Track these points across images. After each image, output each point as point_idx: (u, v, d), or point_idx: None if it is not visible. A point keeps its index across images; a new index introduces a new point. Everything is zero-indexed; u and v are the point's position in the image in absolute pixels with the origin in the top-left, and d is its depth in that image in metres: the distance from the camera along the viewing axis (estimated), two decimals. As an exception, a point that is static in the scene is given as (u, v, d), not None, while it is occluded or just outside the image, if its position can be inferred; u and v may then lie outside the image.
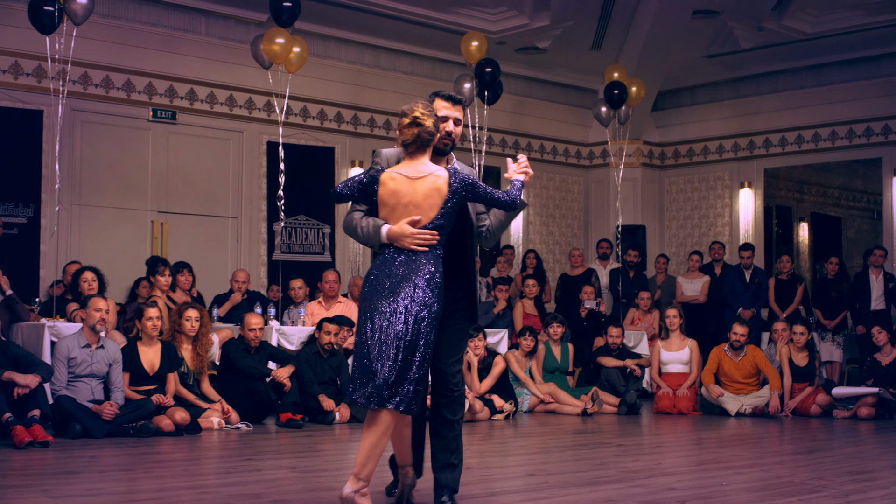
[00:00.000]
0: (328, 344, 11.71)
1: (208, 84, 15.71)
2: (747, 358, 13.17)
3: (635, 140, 19.75)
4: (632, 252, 17.57)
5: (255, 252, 16.24)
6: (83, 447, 8.75)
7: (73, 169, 14.43)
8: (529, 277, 15.57)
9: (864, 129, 17.89)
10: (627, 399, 13.11)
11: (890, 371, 13.03)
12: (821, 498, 6.50)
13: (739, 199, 19.39)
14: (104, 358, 9.80)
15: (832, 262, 15.87)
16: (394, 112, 17.43)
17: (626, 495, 6.53)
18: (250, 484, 6.86)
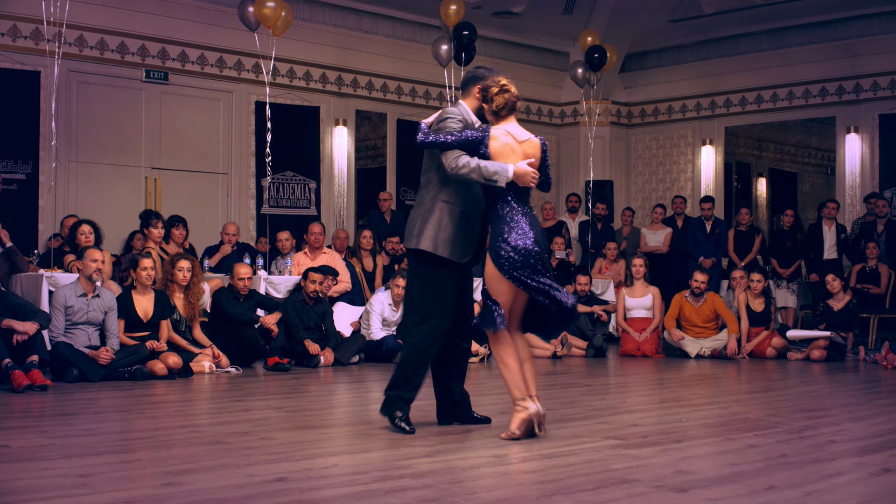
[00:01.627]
0: (313, 292, 11.71)
1: (199, 46, 15.61)
2: (707, 304, 13.22)
3: (604, 100, 19.71)
4: (600, 205, 17.61)
5: (245, 206, 16.19)
6: (80, 390, 8.73)
7: (70, 127, 14.37)
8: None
9: (819, 90, 17.89)
10: (595, 342, 13.16)
11: (841, 316, 13.10)
12: (775, 433, 6.53)
13: (701, 155, 19.40)
14: (100, 306, 9.78)
15: (788, 214, 15.92)
16: (376, 73, 17.40)
17: (593, 431, 6.55)
18: (239, 423, 6.87)
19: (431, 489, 4.68)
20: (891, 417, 7.45)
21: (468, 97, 6.82)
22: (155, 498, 4.45)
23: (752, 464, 5.41)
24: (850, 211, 17.21)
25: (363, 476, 4.98)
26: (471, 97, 6.78)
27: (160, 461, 5.37)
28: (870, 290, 14.59)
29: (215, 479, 4.87)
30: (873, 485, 4.91)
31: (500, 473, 5.16)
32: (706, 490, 4.72)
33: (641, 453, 5.71)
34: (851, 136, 17.43)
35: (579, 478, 5.01)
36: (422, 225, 6.54)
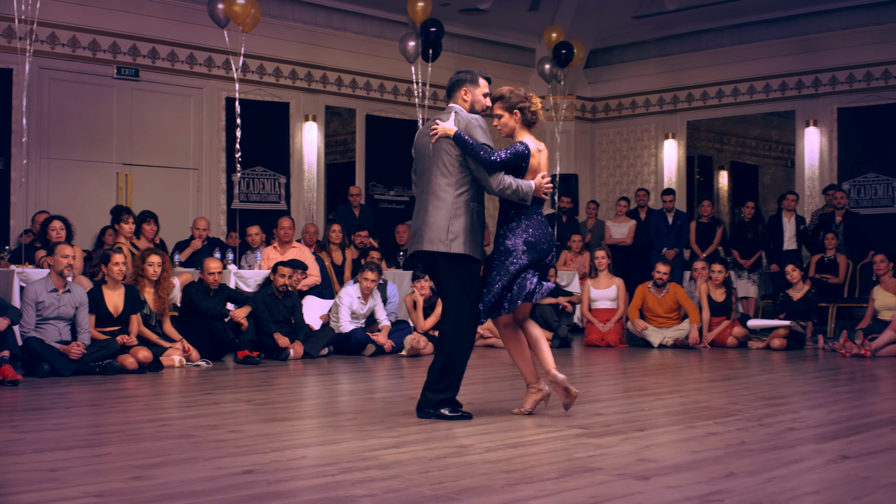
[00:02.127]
0: (283, 286, 11.68)
1: (169, 43, 15.55)
2: (669, 294, 13.26)
3: (569, 95, 19.75)
4: (565, 199, 17.63)
5: (215, 201, 16.14)
6: (51, 385, 8.67)
7: (42, 124, 14.29)
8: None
9: (779, 84, 17.96)
10: (560, 333, 13.17)
11: (801, 305, 13.17)
12: (736, 421, 6.55)
13: (664, 149, 19.46)
14: (71, 301, 9.71)
15: (749, 206, 15.99)
16: (345, 69, 17.36)
17: (557, 421, 6.56)
18: (209, 416, 6.83)
19: (398, 480, 4.67)
20: (849, 405, 7.50)
21: (457, 100, 6.89)
22: (124, 491, 4.42)
23: (712, 451, 5.42)
24: (810, 203, 17.31)
25: (330, 468, 4.97)
26: (458, 100, 6.88)
27: (129, 455, 5.33)
28: (828, 280, 14.67)
29: (184, 473, 4.84)
30: (832, 471, 4.93)
31: (466, 463, 5.15)
32: (667, 477, 4.73)
33: (604, 442, 5.72)
34: (811, 130, 17.51)
35: (543, 467, 5.01)
36: (453, 228, 6.60)
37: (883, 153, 16.73)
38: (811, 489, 4.52)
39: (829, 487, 4.55)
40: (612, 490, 4.48)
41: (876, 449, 5.51)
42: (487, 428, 6.25)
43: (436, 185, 6.69)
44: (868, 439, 5.83)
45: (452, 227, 6.59)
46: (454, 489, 4.50)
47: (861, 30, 16.95)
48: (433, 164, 6.71)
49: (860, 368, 10.45)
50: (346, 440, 5.82)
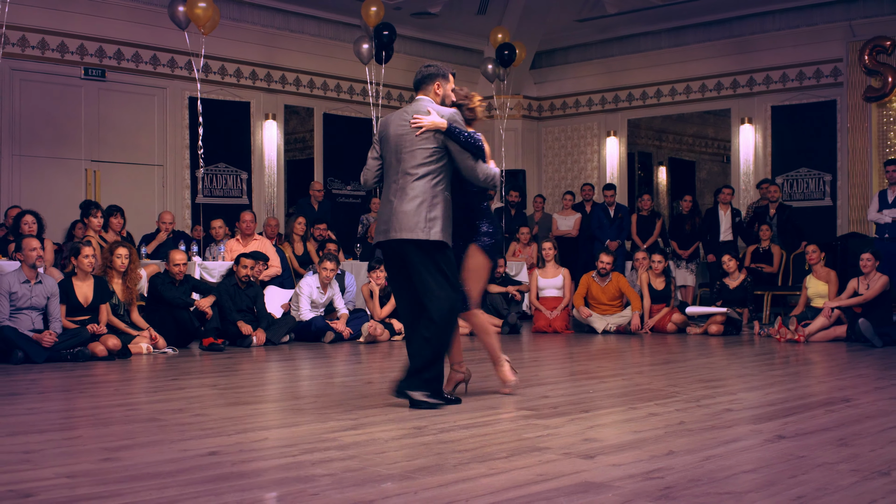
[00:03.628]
0: (245, 276, 11.65)
1: (134, 45, 15.43)
2: (612, 283, 13.34)
3: (516, 95, 19.79)
4: (513, 193, 17.66)
5: (180, 196, 16.05)
6: (25, 372, 8.61)
7: (13, 123, 14.16)
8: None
9: (715, 84, 18.08)
10: (509, 320, 13.22)
11: (736, 293, 13.27)
12: (675, 402, 6.60)
13: (606, 146, 19.55)
14: (42, 292, 9.64)
15: (686, 199, 16.10)
16: (303, 70, 17.31)
17: (507, 403, 6.58)
18: (175, 400, 6.81)
19: (356, 460, 4.67)
20: (784, 388, 7.55)
21: (428, 93, 6.78)
22: (95, 472, 4.40)
23: (653, 431, 5.46)
24: (745, 196, 17.44)
25: (292, 449, 4.96)
26: (431, 93, 6.77)
27: (100, 438, 5.30)
28: (763, 269, 14.79)
29: (151, 454, 4.81)
30: (768, 450, 4.96)
31: (420, 444, 5.15)
32: (611, 456, 4.76)
33: (552, 423, 5.74)
34: (745, 127, 17.64)
35: (494, 446, 5.03)
36: (431, 216, 6.44)
37: (814, 149, 16.89)
38: (749, 467, 4.56)
39: (765, 466, 4.59)
40: (558, 468, 4.50)
41: (810, 430, 5.55)
42: (441, 411, 6.26)
43: (412, 174, 6.51)
44: (803, 420, 5.88)
45: (430, 215, 6.44)
46: (409, 468, 4.50)
47: (794, 31, 17.07)
48: (409, 154, 6.52)
49: (794, 353, 10.56)
50: (307, 423, 5.81)
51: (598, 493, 4.03)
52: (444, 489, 4.10)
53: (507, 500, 3.92)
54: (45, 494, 3.95)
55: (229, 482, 4.21)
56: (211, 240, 13.71)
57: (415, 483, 4.20)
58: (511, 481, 4.23)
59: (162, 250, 12.79)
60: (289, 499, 3.94)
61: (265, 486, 4.18)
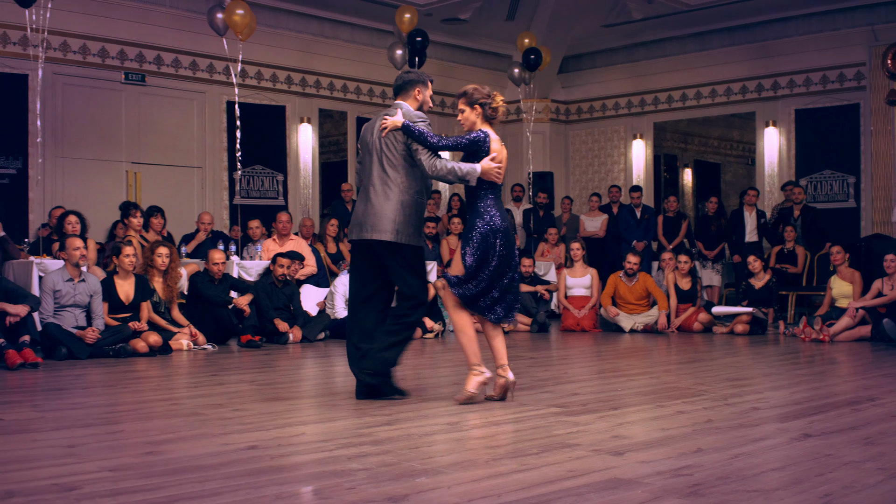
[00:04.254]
0: (281, 275, 11.69)
1: (173, 51, 15.49)
2: (639, 283, 13.29)
3: (544, 99, 19.76)
4: (541, 195, 17.63)
5: (218, 197, 16.10)
6: (69, 367, 8.66)
7: (56, 126, 14.25)
8: (455, 216, 15.54)
9: (740, 87, 17.98)
10: (538, 319, 13.20)
11: (762, 293, 13.19)
12: (703, 400, 6.56)
13: (632, 148, 19.47)
14: (85, 290, 9.71)
15: (712, 201, 16.01)
16: (337, 75, 17.33)
17: (537, 400, 6.57)
18: (216, 396, 6.83)
19: (391, 455, 4.67)
20: (809, 386, 7.50)
21: (408, 98, 6.83)
22: (138, 465, 4.42)
23: (681, 429, 5.44)
24: (769, 198, 17.34)
25: (328, 443, 4.97)
26: (411, 98, 6.82)
27: (143, 432, 5.33)
28: (788, 270, 14.69)
29: (193, 448, 4.83)
30: (795, 449, 4.93)
31: (453, 440, 5.16)
32: (640, 453, 4.74)
33: (581, 420, 5.73)
34: (770, 130, 17.54)
35: (525, 443, 5.02)
36: (400, 219, 6.53)
37: (838, 151, 16.77)
38: (776, 465, 4.52)
39: (792, 464, 4.55)
40: (588, 465, 4.49)
41: (836, 428, 5.51)
42: (472, 407, 6.25)
43: (382, 176, 6.60)
44: (829, 419, 5.84)
45: (398, 218, 6.53)
46: (443, 463, 4.50)
47: (817, 35, 16.95)
48: (381, 156, 6.63)
49: (819, 352, 10.48)
50: (343, 418, 5.82)
51: (628, 489, 4.01)
52: (477, 484, 4.09)
53: (539, 495, 3.91)
54: (89, 487, 3.97)
55: (268, 476, 4.22)
56: (248, 239, 13.76)
57: (448, 478, 4.20)
58: (542, 477, 4.22)
59: (201, 250, 12.84)
60: (326, 492, 3.95)
61: (303, 479, 4.20)
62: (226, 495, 3.87)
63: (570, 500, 3.82)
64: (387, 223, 6.53)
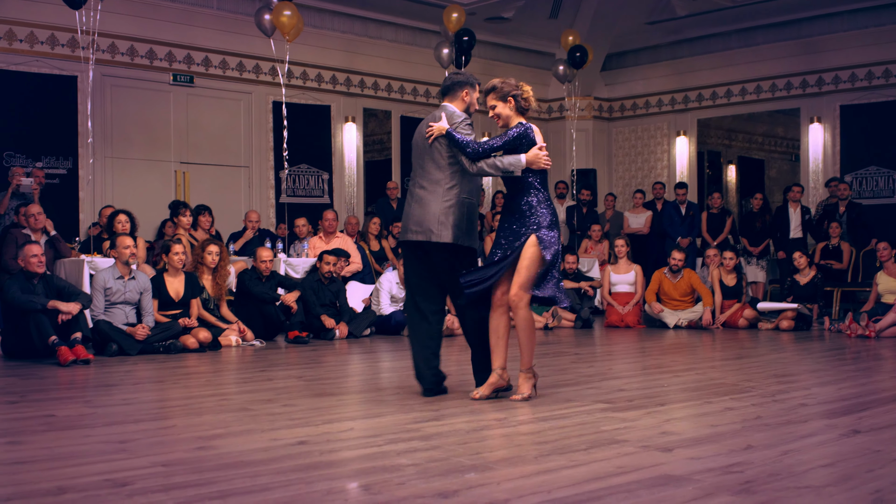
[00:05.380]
0: (328, 272, 11.70)
1: (221, 52, 15.55)
2: (684, 279, 13.18)
3: (587, 96, 19.68)
4: (585, 192, 17.57)
5: (265, 195, 16.15)
6: (120, 363, 8.71)
7: (105, 127, 14.35)
8: (498, 213, 15.49)
9: (784, 84, 17.81)
10: (582, 315, 13.13)
11: (807, 289, 13.05)
12: (750, 397, 6.49)
13: (676, 145, 19.35)
14: (136, 287, 9.76)
15: (757, 197, 15.87)
16: (381, 74, 17.33)
17: (584, 396, 6.52)
18: (264, 391, 6.83)
19: (439, 450, 4.64)
20: (856, 382, 7.40)
21: (455, 100, 6.81)
22: (189, 461, 4.41)
23: (730, 425, 5.37)
24: (814, 194, 17.17)
25: (377, 439, 4.95)
26: (458, 100, 6.80)
27: (193, 427, 5.33)
28: (833, 266, 14.54)
29: (243, 443, 4.83)
30: (844, 445, 4.85)
31: (501, 435, 5.12)
32: (689, 449, 4.68)
33: (628, 416, 5.67)
34: (815, 126, 17.37)
35: (573, 439, 4.97)
36: (446, 220, 6.51)
37: (883, 147, 16.57)
38: (826, 462, 4.45)
39: (842, 460, 4.48)
40: (638, 461, 4.43)
41: (885, 424, 5.42)
42: (519, 404, 6.21)
43: (429, 179, 6.63)
44: (877, 415, 5.75)
45: (447, 220, 6.50)
46: (491, 459, 4.47)
47: (862, 31, 16.77)
48: (428, 159, 6.66)
49: (865, 348, 10.34)
50: (390, 413, 5.80)
51: (679, 486, 3.95)
52: (527, 480, 4.05)
53: (588, 491, 3.86)
54: (141, 483, 3.97)
55: (318, 471, 4.20)
56: (295, 237, 13.80)
57: (498, 474, 4.16)
58: (591, 473, 4.17)
59: (249, 248, 12.89)
60: (376, 487, 3.92)
61: (352, 475, 4.17)
62: (277, 490, 3.85)
63: (620, 497, 3.78)
64: (434, 224, 6.51)
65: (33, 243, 9.38)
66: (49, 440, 4.95)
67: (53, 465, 4.33)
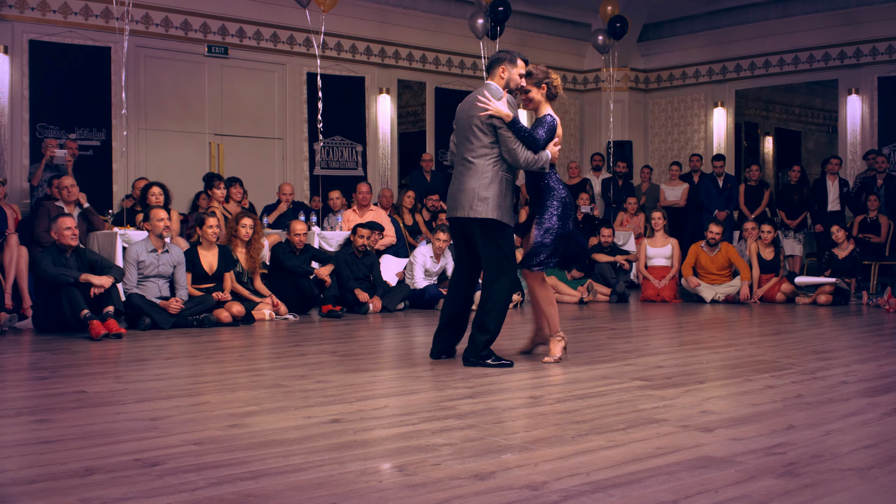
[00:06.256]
0: (362, 246, 11.64)
1: (255, 23, 15.46)
2: (721, 253, 13.02)
3: (623, 67, 19.48)
4: (620, 164, 17.41)
5: (299, 168, 16.09)
6: (152, 338, 8.68)
7: (139, 98, 14.30)
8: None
9: (822, 55, 17.55)
10: (618, 289, 13.01)
11: (845, 263, 12.89)
12: (790, 374, 6.37)
13: (713, 116, 19.14)
14: (169, 261, 9.72)
15: (795, 169, 15.68)
16: (415, 45, 17.20)
17: (620, 373, 6.42)
18: (298, 367, 6.77)
19: (475, 429, 4.56)
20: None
21: (494, 77, 6.96)
22: (221, 439, 4.35)
23: (770, 404, 5.25)
24: (852, 167, 16.94)
25: (411, 417, 4.87)
26: (496, 77, 6.94)
27: (226, 404, 5.27)
28: (871, 240, 14.36)
29: (276, 421, 4.76)
30: (887, 424, 4.72)
31: (537, 414, 5.03)
32: (730, 430, 4.57)
33: (667, 394, 5.57)
34: (852, 98, 17.12)
35: (610, 418, 4.88)
36: (485, 195, 6.70)
37: (921, 119, 16.34)
38: (869, 442, 4.33)
39: (886, 441, 4.36)
40: (678, 441, 4.33)
41: (928, 401, 5.30)
42: (554, 380, 6.14)
43: (471, 155, 6.78)
44: (919, 392, 5.63)
45: (484, 194, 6.69)
46: (528, 439, 4.38)
47: (900, 3, 16.53)
48: (470, 135, 6.78)
49: (903, 323, 10.21)
50: (425, 390, 5.73)
51: (721, 468, 3.85)
52: (565, 461, 3.96)
53: (628, 473, 3.77)
54: (172, 463, 3.91)
55: (352, 450, 4.13)
56: (329, 210, 13.74)
57: (535, 454, 4.08)
58: (630, 454, 4.08)
59: (282, 220, 12.83)
60: (411, 469, 3.84)
61: (387, 455, 4.10)
62: (310, 471, 3.78)
63: (661, 480, 3.68)
64: (474, 201, 6.71)
65: (66, 216, 9.37)
66: (79, 418, 4.90)
67: (82, 444, 4.28)
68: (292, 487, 3.57)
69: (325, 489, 3.55)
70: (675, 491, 3.54)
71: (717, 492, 3.53)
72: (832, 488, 3.59)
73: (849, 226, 14.31)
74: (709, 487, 3.59)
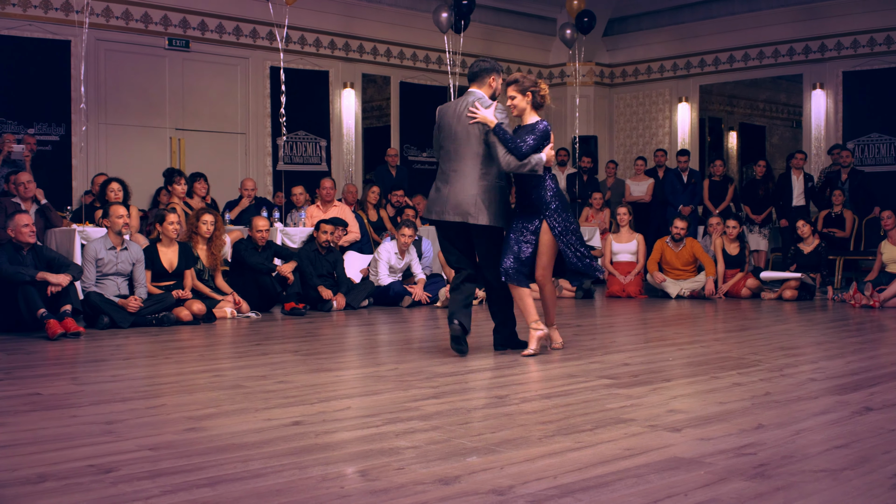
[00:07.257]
0: (325, 242, 11.52)
1: (217, 16, 15.28)
2: (686, 248, 13.00)
3: (588, 62, 19.43)
4: (585, 159, 17.36)
5: (262, 163, 15.93)
6: (111, 337, 8.53)
7: (99, 92, 14.10)
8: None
9: (787, 49, 17.57)
10: (583, 285, 12.95)
11: (811, 258, 12.89)
12: (758, 371, 6.31)
13: (678, 112, 19.12)
14: (128, 258, 9.57)
15: (760, 164, 15.69)
16: (380, 39, 17.08)
17: (586, 371, 6.35)
18: (259, 367, 6.65)
19: (439, 431, 4.47)
20: (864, 355, 7.22)
21: (483, 86, 7.18)
22: (178, 444, 4.23)
23: (739, 402, 5.19)
24: (816, 161, 16.97)
25: (374, 419, 4.77)
26: (485, 86, 7.17)
27: (183, 406, 5.15)
28: (835, 234, 14.38)
29: (235, 424, 4.65)
30: (858, 424, 4.66)
31: (503, 414, 4.94)
32: (699, 429, 4.50)
33: (634, 392, 5.50)
34: (817, 92, 17.14)
35: (577, 418, 4.80)
36: (488, 205, 7.00)
37: (886, 114, 16.36)
38: (840, 442, 4.27)
39: (857, 440, 4.30)
40: (646, 442, 4.26)
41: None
42: (520, 380, 6.05)
43: (464, 163, 7.00)
44: (888, 391, 5.57)
45: (489, 204, 6.97)
46: (494, 441, 4.29)
47: (865, -3, 16.57)
48: (466, 143, 7.00)
49: (869, 319, 10.17)
50: (388, 391, 5.63)
51: (690, 469, 3.78)
52: (532, 464, 3.88)
53: (597, 476, 3.69)
54: (126, 469, 3.78)
55: (313, 454, 4.02)
56: (292, 206, 13.60)
57: (501, 457, 3.99)
58: (598, 456, 4.00)
59: (245, 216, 12.70)
60: (374, 473, 3.74)
61: (349, 459, 3.99)
62: (269, 476, 3.67)
63: (629, 483, 3.60)
64: (471, 207, 6.97)
65: (23, 213, 9.20)
66: (32, 421, 4.77)
67: (35, 449, 4.15)
68: (251, 494, 3.46)
69: (286, 496, 3.45)
70: (645, 494, 3.46)
71: (686, 495, 3.46)
72: (805, 491, 3.52)
73: (813, 220, 14.32)
74: (678, 490, 3.51)
